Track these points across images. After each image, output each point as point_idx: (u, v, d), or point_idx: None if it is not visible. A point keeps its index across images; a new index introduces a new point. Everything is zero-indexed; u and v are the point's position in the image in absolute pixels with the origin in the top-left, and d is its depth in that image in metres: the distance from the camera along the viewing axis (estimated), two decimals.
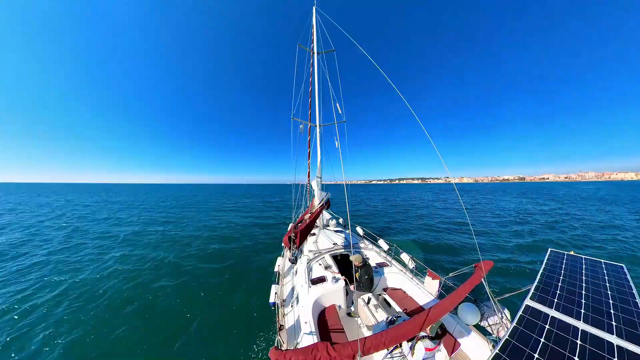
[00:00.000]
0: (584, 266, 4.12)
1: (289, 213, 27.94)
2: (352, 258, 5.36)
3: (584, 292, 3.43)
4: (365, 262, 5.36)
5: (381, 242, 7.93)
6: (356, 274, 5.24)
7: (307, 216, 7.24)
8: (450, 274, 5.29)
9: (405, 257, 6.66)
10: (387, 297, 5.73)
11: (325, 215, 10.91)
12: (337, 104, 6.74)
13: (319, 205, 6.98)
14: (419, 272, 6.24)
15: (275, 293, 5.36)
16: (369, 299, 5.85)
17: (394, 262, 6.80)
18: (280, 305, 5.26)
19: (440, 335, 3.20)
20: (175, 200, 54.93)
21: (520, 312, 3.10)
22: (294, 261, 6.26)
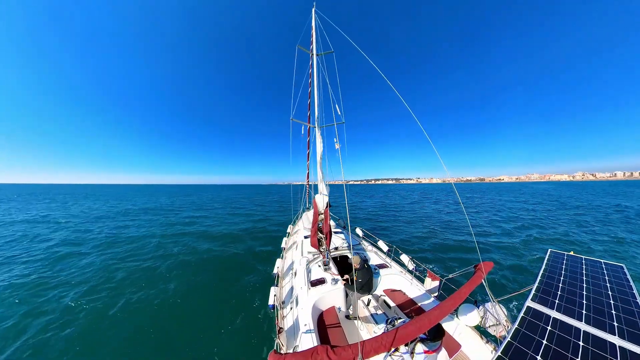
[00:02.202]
0: (584, 266, 4.17)
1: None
2: (352, 259, 5.29)
3: (584, 292, 3.44)
4: (363, 265, 5.27)
5: (381, 243, 7.89)
6: (355, 276, 5.10)
7: (320, 217, 7.01)
8: (450, 275, 5.34)
9: (405, 258, 6.67)
10: (386, 298, 5.70)
11: None
12: (337, 106, 6.64)
13: (325, 206, 6.85)
14: (419, 274, 6.27)
15: (275, 295, 5.16)
16: (369, 301, 5.79)
17: (393, 263, 6.77)
18: (279, 308, 5.07)
19: (441, 337, 3.19)
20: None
21: (521, 314, 3.11)
22: (327, 264, 6.11)
